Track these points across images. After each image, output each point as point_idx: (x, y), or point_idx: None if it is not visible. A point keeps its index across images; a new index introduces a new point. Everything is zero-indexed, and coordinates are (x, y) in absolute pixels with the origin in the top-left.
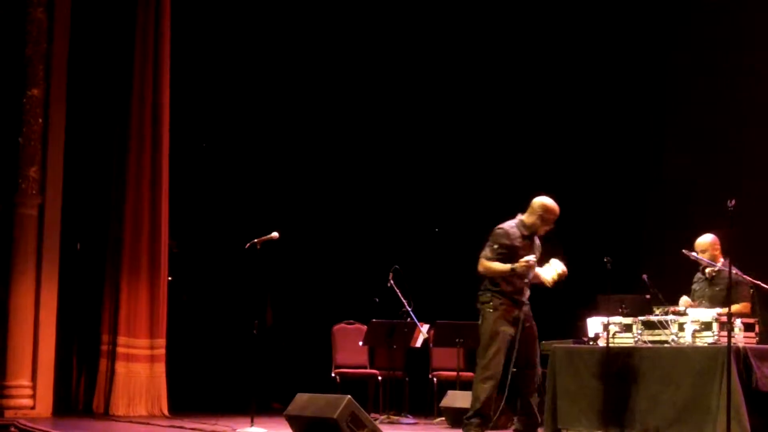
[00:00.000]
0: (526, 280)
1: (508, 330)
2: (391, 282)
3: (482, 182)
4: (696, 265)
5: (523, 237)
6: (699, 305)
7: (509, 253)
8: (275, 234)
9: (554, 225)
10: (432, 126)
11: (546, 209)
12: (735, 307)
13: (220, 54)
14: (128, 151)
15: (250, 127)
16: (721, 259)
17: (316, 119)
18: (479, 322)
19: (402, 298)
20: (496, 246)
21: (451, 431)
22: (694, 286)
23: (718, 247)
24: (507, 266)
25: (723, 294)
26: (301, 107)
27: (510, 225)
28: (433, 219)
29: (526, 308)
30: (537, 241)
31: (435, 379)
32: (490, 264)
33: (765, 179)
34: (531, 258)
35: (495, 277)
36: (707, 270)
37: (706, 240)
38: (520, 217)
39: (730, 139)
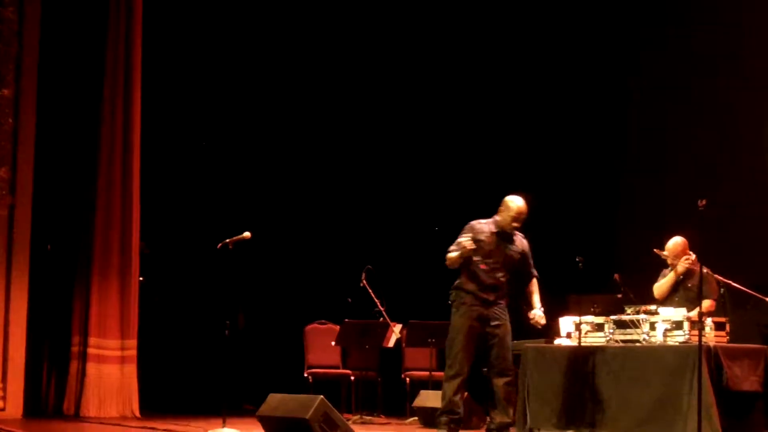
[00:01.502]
0: (493, 279)
1: (472, 328)
2: (364, 282)
3: (454, 182)
4: (665, 264)
5: (494, 233)
6: (671, 303)
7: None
8: (247, 234)
9: (521, 223)
10: (403, 126)
11: (508, 206)
12: (705, 303)
13: (191, 53)
14: (99, 151)
15: (222, 128)
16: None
17: (286, 119)
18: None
19: (375, 298)
20: (459, 239)
21: (424, 431)
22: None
23: (687, 248)
24: (452, 253)
25: (694, 292)
26: (272, 107)
27: (481, 220)
28: (406, 219)
29: (496, 309)
30: (518, 242)
31: (408, 379)
32: (447, 254)
33: (736, 180)
34: (463, 239)
35: (462, 275)
36: (677, 268)
37: (677, 242)
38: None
39: (701, 140)
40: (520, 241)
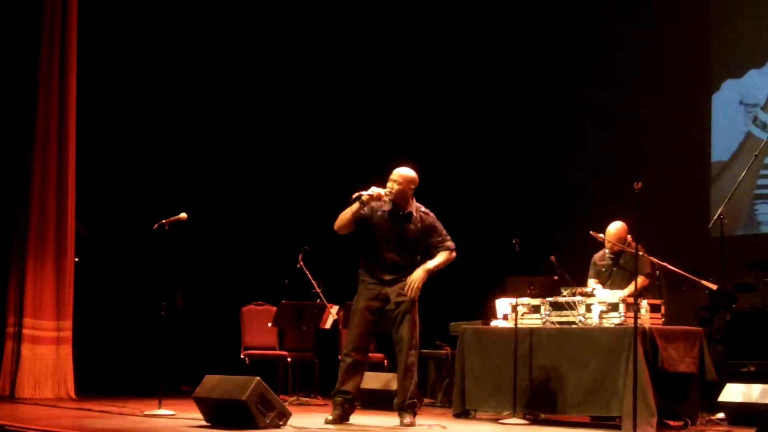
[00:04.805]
0: (390, 259)
1: (368, 307)
2: (301, 263)
3: (394, 164)
4: (601, 247)
5: (387, 212)
6: (607, 283)
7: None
8: (183, 215)
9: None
10: (341, 109)
11: (401, 178)
12: (638, 280)
13: (128, 33)
14: (35, 131)
15: (158, 108)
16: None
17: (221, 99)
18: None
19: (311, 280)
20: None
21: (361, 412)
22: (600, 268)
23: (627, 232)
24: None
25: (628, 269)
26: (208, 88)
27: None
28: (342, 202)
29: (396, 287)
30: (416, 219)
31: None
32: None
33: (672, 164)
34: (365, 193)
35: (362, 253)
36: (608, 249)
37: (619, 226)
38: None
39: (638, 123)
40: (420, 218)
